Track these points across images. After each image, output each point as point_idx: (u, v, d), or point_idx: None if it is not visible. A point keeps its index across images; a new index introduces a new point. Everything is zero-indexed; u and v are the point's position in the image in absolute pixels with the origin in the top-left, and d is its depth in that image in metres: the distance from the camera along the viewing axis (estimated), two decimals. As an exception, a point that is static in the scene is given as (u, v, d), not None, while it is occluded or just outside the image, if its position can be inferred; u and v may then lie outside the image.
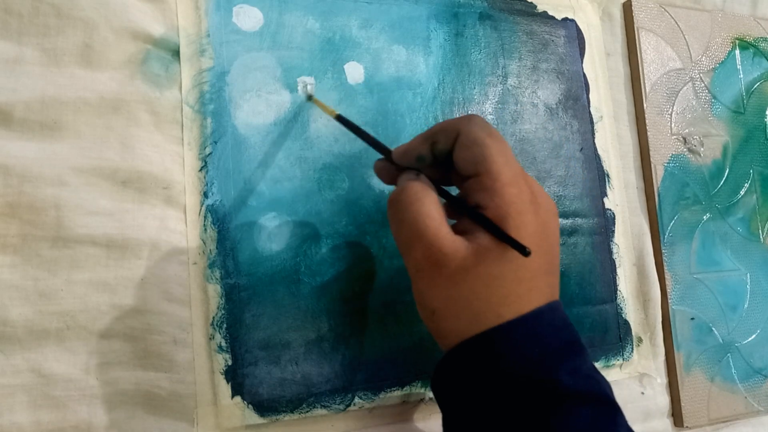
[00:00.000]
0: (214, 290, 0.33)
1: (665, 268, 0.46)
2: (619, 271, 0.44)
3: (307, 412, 0.34)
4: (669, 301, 0.45)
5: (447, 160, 0.30)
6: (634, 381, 0.44)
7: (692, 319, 0.45)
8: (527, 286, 0.27)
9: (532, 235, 0.27)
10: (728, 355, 0.46)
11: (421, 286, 0.29)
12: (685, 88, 0.49)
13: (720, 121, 0.50)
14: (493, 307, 0.27)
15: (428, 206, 0.28)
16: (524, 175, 0.29)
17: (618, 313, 0.43)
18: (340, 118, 0.35)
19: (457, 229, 0.28)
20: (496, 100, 0.42)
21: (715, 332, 0.46)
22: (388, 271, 0.37)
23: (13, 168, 0.31)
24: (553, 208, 0.30)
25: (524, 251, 0.26)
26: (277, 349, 0.34)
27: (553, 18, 0.46)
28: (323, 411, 0.34)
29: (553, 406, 0.26)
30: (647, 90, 0.48)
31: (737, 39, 0.52)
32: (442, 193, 0.30)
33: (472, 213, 0.28)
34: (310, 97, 0.37)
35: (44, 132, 0.32)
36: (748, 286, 0.48)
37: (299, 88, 0.37)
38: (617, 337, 0.43)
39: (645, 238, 0.46)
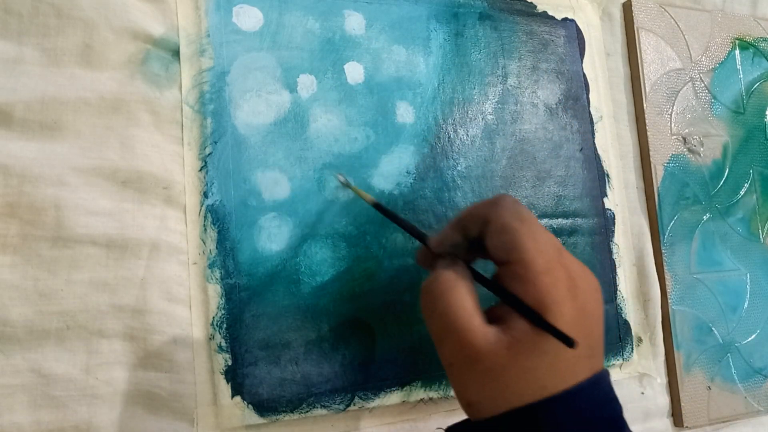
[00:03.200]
0: (214, 290, 0.33)
1: (665, 268, 0.46)
2: (618, 271, 0.44)
3: (307, 412, 0.34)
4: (669, 301, 0.45)
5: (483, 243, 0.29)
6: (633, 381, 0.44)
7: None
8: (563, 375, 0.26)
9: (570, 323, 0.26)
10: (728, 355, 0.46)
11: (455, 381, 0.28)
12: (685, 88, 0.49)
13: (720, 121, 0.50)
14: (530, 397, 0.26)
15: (460, 297, 0.27)
16: (560, 256, 0.28)
17: (618, 313, 0.43)
18: (377, 206, 0.34)
19: (494, 314, 0.27)
20: (496, 100, 0.42)
21: (715, 332, 0.46)
22: (388, 271, 0.37)
23: (13, 168, 0.31)
24: (594, 285, 0.29)
25: (570, 343, 0.25)
26: (277, 349, 0.34)
27: (553, 18, 0.46)
28: (323, 411, 0.34)
29: None
30: (647, 90, 0.48)
31: (737, 39, 0.52)
32: (479, 278, 0.29)
33: (512, 301, 0.27)
34: (348, 185, 0.36)
35: (44, 132, 0.32)
36: (748, 286, 0.48)
37: (340, 180, 0.36)
38: (617, 337, 0.43)
39: (645, 238, 0.46)
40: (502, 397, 0.26)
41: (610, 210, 0.45)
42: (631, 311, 0.44)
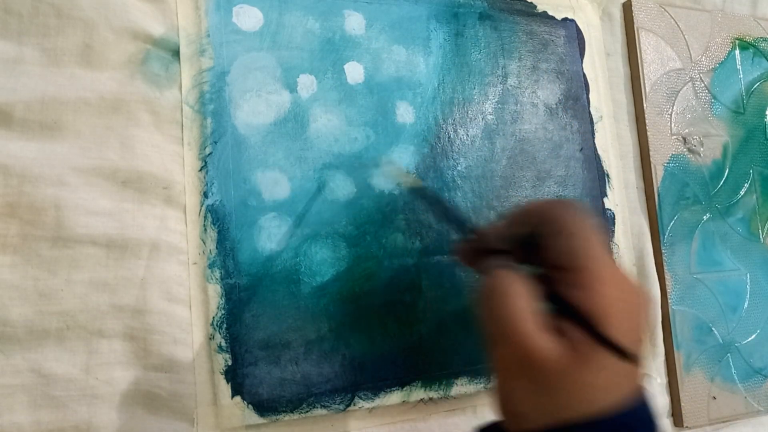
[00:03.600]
0: (214, 290, 0.33)
1: (665, 268, 0.46)
2: (619, 271, 0.44)
3: (307, 412, 0.34)
4: (669, 301, 0.45)
5: (534, 243, 0.27)
6: (634, 381, 0.44)
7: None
8: (618, 390, 0.25)
9: (628, 337, 0.25)
10: (728, 355, 0.46)
11: (503, 388, 0.26)
12: (685, 88, 0.49)
13: (720, 121, 0.50)
14: (577, 412, 0.24)
15: (522, 303, 0.25)
16: (618, 269, 0.26)
17: (618, 313, 0.43)
18: (419, 190, 0.32)
19: (548, 323, 0.26)
20: (496, 100, 0.42)
21: (715, 332, 0.46)
22: (388, 271, 0.37)
23: (13, 168, 0.31)
24: (645, 298, 0.28)
25: (636, 362, 0.24)
26: (277, 349, 0.34)
27: (553, 18, 0.46)
28: (323, 411, 0.34)
29: None
30: (647, 90, 0.48)
31: (737, 39, 0.52)
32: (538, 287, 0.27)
33: (582, 322, 0.25)
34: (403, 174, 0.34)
35: (44, 132, 0.32)
36: (748, 286, 0.48)
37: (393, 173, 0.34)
38: (617, 337, 0.43)
39: (645, 238, 0.46)
40: (553, 409, 0.25)
41: (610, 210, 0.45)
42: (631, 311, 0.44)
